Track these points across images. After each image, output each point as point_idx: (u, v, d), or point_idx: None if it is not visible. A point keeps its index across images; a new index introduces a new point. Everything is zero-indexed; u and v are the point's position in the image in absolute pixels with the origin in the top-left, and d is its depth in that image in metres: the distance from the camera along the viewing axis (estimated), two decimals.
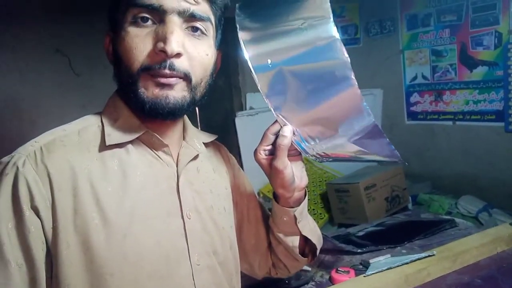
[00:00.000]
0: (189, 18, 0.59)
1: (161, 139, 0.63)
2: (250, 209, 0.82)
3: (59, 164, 0.57)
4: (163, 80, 0.58)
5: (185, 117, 0.73)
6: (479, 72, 2.42)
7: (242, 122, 2.56)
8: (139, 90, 0.58)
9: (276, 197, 0.74)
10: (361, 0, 2.87)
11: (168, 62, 0.57)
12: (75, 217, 0.56)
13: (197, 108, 2.13)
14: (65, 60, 2.20)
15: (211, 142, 0.78)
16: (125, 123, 0.63)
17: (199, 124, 2.51)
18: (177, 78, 0.59)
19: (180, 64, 0.58)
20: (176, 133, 0.68)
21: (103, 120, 0.64)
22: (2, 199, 0.55)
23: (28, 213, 0.54)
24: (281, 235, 0.76)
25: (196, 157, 0.70)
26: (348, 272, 1.13)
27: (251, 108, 2.69)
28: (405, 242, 1.35)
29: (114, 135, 0.62)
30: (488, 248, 0.97)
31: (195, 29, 0.60)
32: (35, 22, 2.10)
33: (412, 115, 2.86)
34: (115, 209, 0.58)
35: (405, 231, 1.46)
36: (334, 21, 0.56)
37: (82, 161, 0.59)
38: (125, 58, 0.59)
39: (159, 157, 0.65)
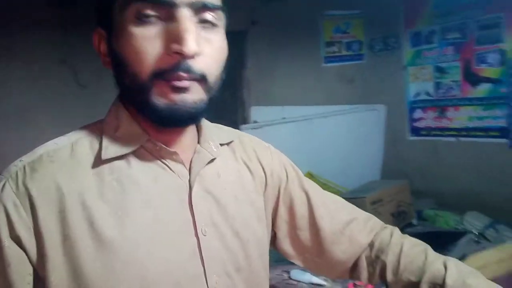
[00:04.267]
0: (201, 9, 0.51)
1: (165, 146, 0.56)
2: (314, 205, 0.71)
3: (44, 184, 0.50)
4: (178, 83, 0.50)
5: None
6: (483, 89, 2.44)
7: None
8: (153, 99, 0.51)
9: None
10: (365, 17, 2.90)
11: (184, 64, 0.49)
12: (65, 243, 0.49)
13: None
14: (71, 71, 2.22)
15: (239, 137, 0.69)
16: (125, 132, 0.55)
17: None
18: (193, 81, 0.51)
19: (197, 65, 0.51)
20: (187, 137, 0.59)
21: (102, 130, 0.56)
22: None
23: (7, 243, 0.48)
24: None
25: (212, 161, 0.61)
26: (365, 286, 1.11)
27: (255, 121, 2.69)
28: None
29: (112, 147, 0.54)
30: (505, 265, 0.96)
31: (205, 21, 0.52)
32: (43, 32, 2.12)
33: (415, 131, 2.86)
34: (113, 232, 0.50)
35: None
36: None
37: (72, 179, 0.51)
38: (132, 64, 0.51)
39: (168, 166, 0.56)
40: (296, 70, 2.80)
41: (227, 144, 0.66)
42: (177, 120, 0.53)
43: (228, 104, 2.77)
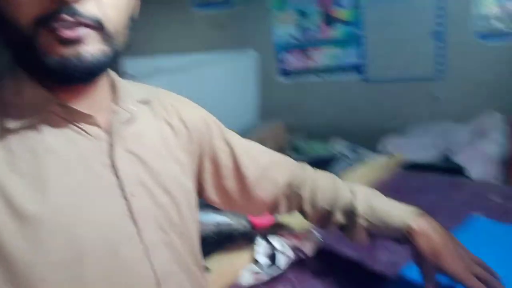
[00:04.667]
0: None
1: (77, 108, 0.52)
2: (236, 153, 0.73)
3: None
4: (68, 33, 0.45)
5: (113, 73, 0.60)
6: (340, 31, 2.72)
7: None
8: (41, 55, 0.46)
9: None
10: None
11: (69, 7, 0.44)
12: None
13: None
14: None
15: (158, 94, 0.66)
16: (29, 97, 0.50)
17: None
18: (86, 28, 0.46)
19: (86, 9, 0.45)
20: (100, 96, 0.56)
21: (2, 97, 0.51)
22: None
23: None
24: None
25: (132, 120, 0.59)
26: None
27: (128, 74, 2.54)
28: None
29: (17, 115, 0.49)
30: (376, 174, 1.17)
31: None
32: None
33: (285, 73, 3.08)
34: (34, 206, 0.47)
35: None
36: None
37: None
38: (11, 13, 0.45)
39: (84, 130, 0.53)
40: (165, 17, 2.69)
41: (146, 102, 0.64)
42: (74, 77, 0.48)
43: None
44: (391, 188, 1.10)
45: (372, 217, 0.68)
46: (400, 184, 1.14)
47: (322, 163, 1.86)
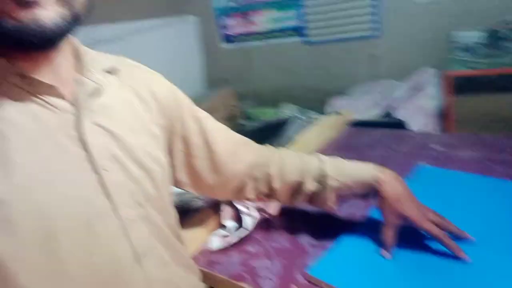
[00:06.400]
0: None
1: (38, 78, 0.49)
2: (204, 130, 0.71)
3: None
4: None
5: (76, 41, 0.57)
6: None
7: None
8: None
9: None
10: None
11: None
12: None
13: None
14: None
15: (126, 65, 0.64)
16: None
17: None
18: None
19: None
20: (63, 65, 0.53)
21: None
22: None
23: None
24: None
25: (99, 91, 0.56)
26: None
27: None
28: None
29: None
30: (328, 132, 1.22)
31: None
32: None
33: (228, 39, 3.03)
34: (0, 182, 0.45)
35: (259, 137, 1.67)
36: None
37: None
38: None
39: (47, 102, 0.50)
40: None
41: (113, 72, 0.60)
42: (32, 44, 0.45)
43: None
44: (342, 145, 1.16)
45: (341, 176, 0.72)
46: (350, 141, 1.20)
47: (276, 126, 1.90)
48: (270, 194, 0.77)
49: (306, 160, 0.76)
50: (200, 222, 0.82)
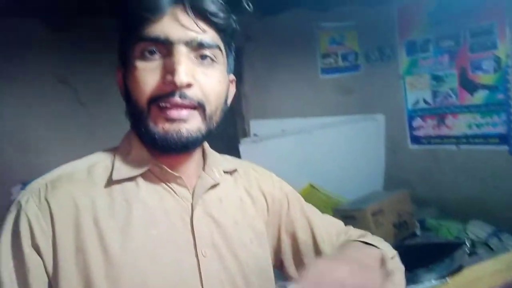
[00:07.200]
0: (197, 47, 0.58)
1: (170, 171, 0.60)
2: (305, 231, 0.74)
3: (62, 200, 0.56)
4: (173, 114, 0.56)
5: (206, 145, 0.69)
6: (480, 96, 2.44)
7: (246, 149, 2.57)
8: (149, 125, 0.57)
9: None
10: (359, 28, 2.93)
11: (179, 92, 0.55)
12: (77, 254, 0.54)
13: None
14: (70, 90, 2.23)
15: (243, 167, 0.74)
16: (136, 156, 0.61)
17: None
18: (190, 110, 0.57)
19: (193, 93, 0.57)
20: (192, 163, 0.65)
21: (116, 155, 0.62)
22: (4, 237, 0.54)
23: (28, 250, 0.53)
24: None
25: (215, 187, 0.66)
26: None
27: (255, 135, 2.70)
28: (418, 268, 1.32)
29: (122, 169, 0.60)
30: (501, 276, 0.95)
31: (204, 57, 0.59)
32: (41, 52, 2.14)
33: (415, 140, 2.86)
34: (119, 246, 0.55)
35: (416, 256, 1.44)
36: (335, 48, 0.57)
37: (87, 198, 0.57)
38: (134, 93, 0.58)
39: (172, 190, 0.61)
40: (293, 82, 2.81)
41: (230, 172, 0.71)
42: (171, 148, 0.57)
43: (227, 118, 2.77)
44: None
45: None
46: None
47: (445, 248, 1.60)
48: None
49: None
50: None
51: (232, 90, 0.68)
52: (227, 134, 2.79)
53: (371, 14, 2.81)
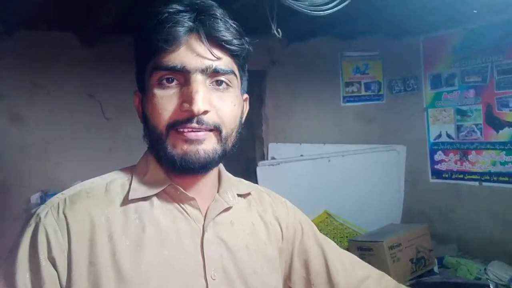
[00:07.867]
0: (213, 73, 0.59)
1: (185, 192, 0.61)
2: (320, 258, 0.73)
3: (79, 215, 0.57)
4: (191, 135, 0.57)
5: (222, 167, 0.70)
6: (506, 133, 2.39)
7: (263, 172, 2.56)
8: (168, 148, 0.59)
9: None
10: (384, 58, 2.93)
11: (196, 118, 0.57)
12: (90, 269, 0.55)
13: None
14: (96, 104, 2.29)
15: (258, 191, 0.74)
16: (151, 177, 0.62)
17: None
18: (206, 132, 0.58)
19: (209, 118, 0.58)
20: (207, 185, 0.66)
21: (134, 175, 0.64)
22: (22, 249, 0.55)
23: (44, 263, 0.54)
24: None
25: (227, 210, 0.66)
26: None
27: (272, 158, 2.69)
28: None
29: (139, 189, 0.61)
30: None
31: (219, 82, 0.60)
32: (71, 65, 2.22)
33: (437, 174, 2.80)
34: (130, 264, 0.56)
35: None
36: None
37: (103, 214, 0.58)
38: (153, 118, 0.60)
39: (185, 211, 0.62)
40: (315, 108, 2.81)
41: (244, 196, 0.71)
42: (189, 168, 0.59)
43: (246, 140, 2.79)
44: None
45: None
46: None
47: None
48: None
49: None
50: None
51: (246, 108, 0.70)
52: (245, 156, 2.79)
53: (396, 45, 2.81)
